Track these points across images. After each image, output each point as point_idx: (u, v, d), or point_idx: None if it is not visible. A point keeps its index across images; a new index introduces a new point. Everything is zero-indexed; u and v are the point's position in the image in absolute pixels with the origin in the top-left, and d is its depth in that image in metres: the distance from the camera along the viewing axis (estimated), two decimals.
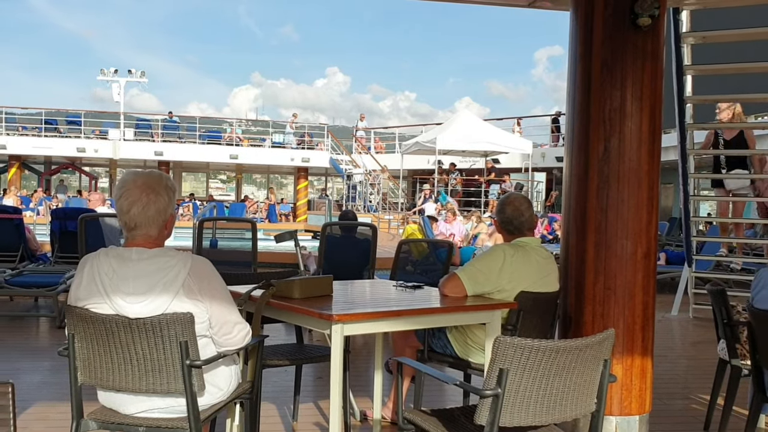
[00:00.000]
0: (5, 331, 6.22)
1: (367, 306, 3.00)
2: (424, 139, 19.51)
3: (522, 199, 3.50)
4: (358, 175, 24.42)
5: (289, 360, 3.45)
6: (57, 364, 4.91)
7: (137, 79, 29.01)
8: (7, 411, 1.08)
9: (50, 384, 4.54)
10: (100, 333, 2.27)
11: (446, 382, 2.37)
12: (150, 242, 2.35)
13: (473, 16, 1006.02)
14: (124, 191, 2.33)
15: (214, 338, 2.40)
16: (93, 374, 2.33)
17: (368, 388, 4.22)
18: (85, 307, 2.29)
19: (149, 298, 2.25)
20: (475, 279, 3.18)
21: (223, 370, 2.49)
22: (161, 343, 2.25)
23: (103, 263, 2.30)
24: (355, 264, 5.91)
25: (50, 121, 26.62)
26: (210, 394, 2.41)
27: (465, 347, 3.37)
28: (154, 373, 2.27)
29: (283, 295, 2.86)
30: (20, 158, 26.91)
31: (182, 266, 2.30)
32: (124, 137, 26.01)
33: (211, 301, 2.34)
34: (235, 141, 27.06)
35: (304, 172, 28.07)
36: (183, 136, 26.68)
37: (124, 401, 2.34)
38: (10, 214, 8.41)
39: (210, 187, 36.27)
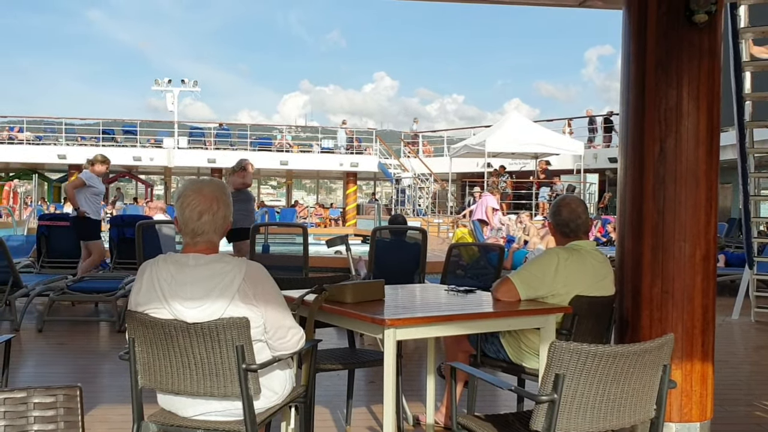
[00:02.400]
0: (68, 336, 6.42)
1: (419, 310, 3.00)
2: (473, 141, 19.39)
3: (578, 201, 3.44)
4: (407, 179, 24.42)
5: (342, 364, 3.47)
6: (117, 367, 5.04)
7: (190, 89, 29.67)
8: (76, 414, 1.12)
9: (111, 386, 4.66)
10: (160, 337, 2.33)
11: (501, 387, 2.35)
12: (210, 248, 2.40)
13: (520, 16, 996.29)
14: (191, 200, 2.37)
15: (269, 342, 2.43)
16: (153, 378, 2.38)
17: (421, 393, 4.22)
18: (145, 312, 2.35)
19: (206, 303, 2.30)
20: (529, 283, 3.15)
21: (278, 374, 2.52)
22: (218, 348, 2.29)
23: (162, 269, 2.35)
24: (405, 268, 5.91)
25: (108, 131, 27.43)
26: (266, 398, 2.44)
27: (519, 352, 3.34)
28: (212, 376, 2.32)
29: (335, 299, 2.88)
30: (80, 167, 27.76)
31: (237, 272, 2.34)
32: (178, 145, 26.62)
33: (265, 306, 2.38)
34: (285, 147, 27.40)
35: (352, 176, 28.23)
36: (235, 143, 27.15)
37: (182, 404, 2.40)
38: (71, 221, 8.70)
39: (261, 193, 36.83)
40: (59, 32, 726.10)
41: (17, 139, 26.78)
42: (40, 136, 27.43)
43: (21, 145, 26.53)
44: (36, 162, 27.32)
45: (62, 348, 5.96)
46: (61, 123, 27.41)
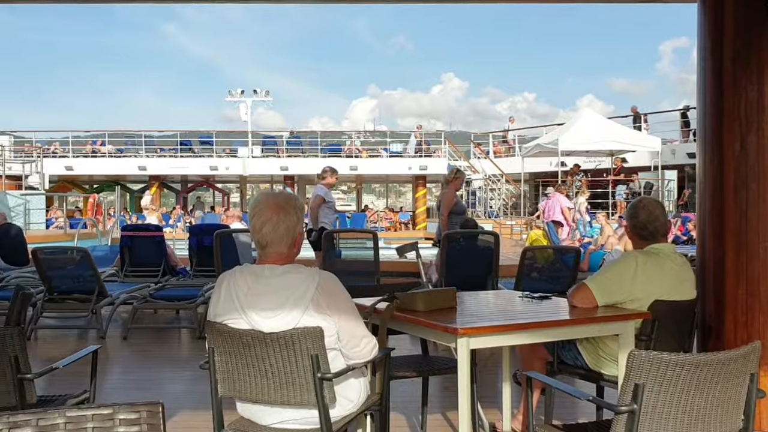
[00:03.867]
0: (150, 343, 6.67)
1: (492, 318, 2.97)
2: (545, 140, 19.06)
3: (655, 203, 3.34)
4: (478, 180, 24.23)
5: (416, 372, 3.47)
6: (198, 374, 5.19)
7: (262, 99, 30.34)
8: (159, 429, 1.17)
9: (192, 393, 4.81)
10: (238, 347, 2.39)
11: (578, 397, 2.30)
12: (281, 259, 2.44)
13: (591, 11, 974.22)
14: (256, 211, 2.44)
15: (342, 351, 2.46)
16: (232, 386, 2.45)
17: (496, 400, 4.17)
18: (224, 322, 2.41)
19: (281, 313, 2.35)
20: (606, 289, 3.07)
21: (353, 382, 2.55)
22: (294, 357, 2.33)
23: (239, 280, 2.42)
24: (477, 273, 5.87)
25: (185, 142, 28.36)
26: (341, 406, 2.47)
27: (597, 359, 3.26)
28: (288, 385, 2.36)
29: (407, 307, 2.88)
30: (159, 178, 28.85)
31: (311, 282, 2.38)
32: (252, 154, 27.28)
33: (338, 316, 2.41)
34: (354, 153, 27.66)
35: (422, 179, 28.21)
36: (306, 150, 27.60)
37: (261, 412, 2.45)
38: (152, 231, 9.04)
39: None
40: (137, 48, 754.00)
41: (100, 153, 28.03)
42: (121, 148, 28.63)
43: (104, 158, 27.77)
44: (118, 174, 28.51)
45: (146, 355, 6.19)
46: (141, 136, 28.52)
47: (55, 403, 2.78)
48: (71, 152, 27.82)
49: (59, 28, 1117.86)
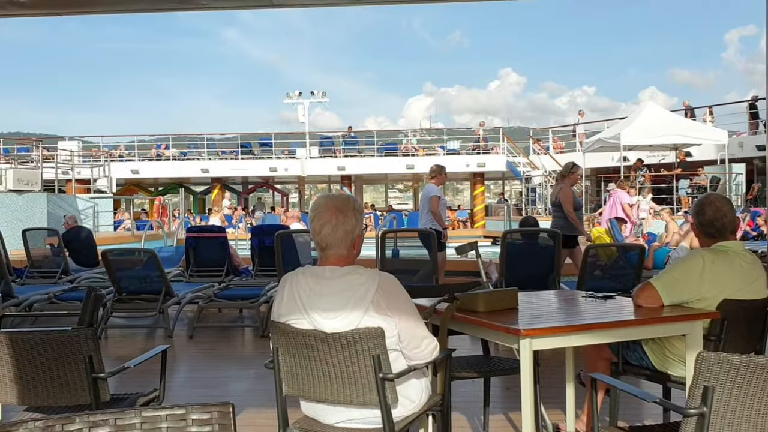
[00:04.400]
0: (215, 341, 6.83)
1: (555, 319, 2.93)
2: (607, 135, 18.65)
3: (723, 200, 3.23)
4: (537, 177, 23.89)
5: (477, 372, 3.45)
6: (262, 372, 5.28)
7: (319, 100, 30.68)
8: (230, 429, 1.20)
9: (256, 391, 4.90)
10: (301, 347, 2.43)
11: (644, 399, 2.26)
12: (341, 261, 2.47)
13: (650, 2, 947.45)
14: (316, 214, 2.49)
15: (403, 352, 2.48)
16: (296, 386, 2.49)
17: (560, 400, 4.11)
18: (287, 322, 2.46)
19: (342, 314, 2.38)
20: (672, 287, 2.99)
21: (414, 382, 2.56)
22: (355, 357, 2.36)
23: (301, 281, 2.46)
24: (538, 271, 5.80)
25: (245, 145, 28.92)
26: (403, 406, 2.49)
27: (663, 359, 3.18)
28: (351, 385, 2.39)
29: (467, 308, 2.87)
30: (221, 180, 29.51)
31: (371, 283, 2.40)
32: (310, 155, 27.60)
33: (399, 317, 2.42)
34: (411, 151, 27.66)
35: (479, 177, 28.01)
36: (362, 150, 27.76)
37: (324, 411, 2.49)
38: (216, 233, 9.25)
39: (388, 197, 37.38)
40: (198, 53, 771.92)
41: (164, 156, 28.84)
42: (184, 152, 29.38)
43: (168, 161, 28.55)
44: (182, 176, 29.28)
45: (211, 353, 6.34)
46: (203, 139, 29.24)
47: (126, 401, 2.89)
48: (137, 156, 28.73)
49: (125, 36, 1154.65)
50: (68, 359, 2.54)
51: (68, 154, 21.04)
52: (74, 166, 18.82)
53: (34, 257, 9.21)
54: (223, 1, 5.01)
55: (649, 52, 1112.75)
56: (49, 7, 5.37)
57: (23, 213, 13.04)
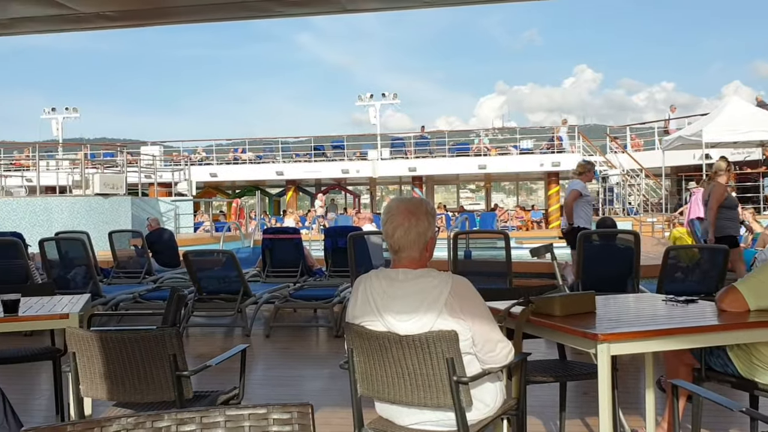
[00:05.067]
0: (291, 341, 6.97)
1: (634, 323, 2.86)
2: (687, 132, 17.97)
3: None
4: (615, 176, 23.25)
5: (553, 377, 3.40)
6: (336, 372, 5.37)
7: (390, 101, 30.79)
8: (309, 430, 1.24)
9: (331, 390, 4.97)
10: (375, 349, 2.45)
11: (730, 408, 2.17)
12: (414, 263, 2.49)
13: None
14: (389, 217, 2.51)
15: (477, 356, 2.47)
16: (371, 387, 2.52)
17: (638, 406, 4.01)
18: (361, 324, 2.49)
19: (416, 317, 2.39)
20: (758, 292, 2.87)
21: (489, 386, 2.54)
22: (429, 360, 2.37)
23: (375, 284, 2.49)
24: (616, 274, 5.65)
25: (318, 147, 29.35)
26: (477, 410, 2.48)
27: (750, 366, 3.04)
28: (425, 387, 2.40)
29: (543, 312, 2.84)
30: (295, 182, 30.06)
31: (444, 286, 2.40)
32: (381, 156, 27.76)
33: (472, 320, 2.42)
34: (483, 151, 27.43)
35: (554, 176, 27.49)
36: (433, 150, 27.72)
37: (399, 413, 2.51)
38: (291, 234, 9.44)
39: (460, 198, 37.18)
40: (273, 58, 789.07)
41: (241, 160, 29.61)
42: (260, 155, 30.07)
43: (244, 164, 29.30)
44: (257, 179, 29.99)
45: (287, 353, 6.48)
46: (278, 142, 29.85)
47: (208, 399, 2.99)
48: (215, 160, 29.60)
49: (202, 43, 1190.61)
50: (154, 357, 2.66)
51: (151, 159, 21.89)
52: (156, 170, 19.58)
53: (120, 258, 9.62)
54: (298, 8, 5.12)
55: (733, 45, 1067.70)
56: (134, 19, 5.61)
57: (109, 215, 13.65)
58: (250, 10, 5.40)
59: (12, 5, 5.10)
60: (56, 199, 14.01)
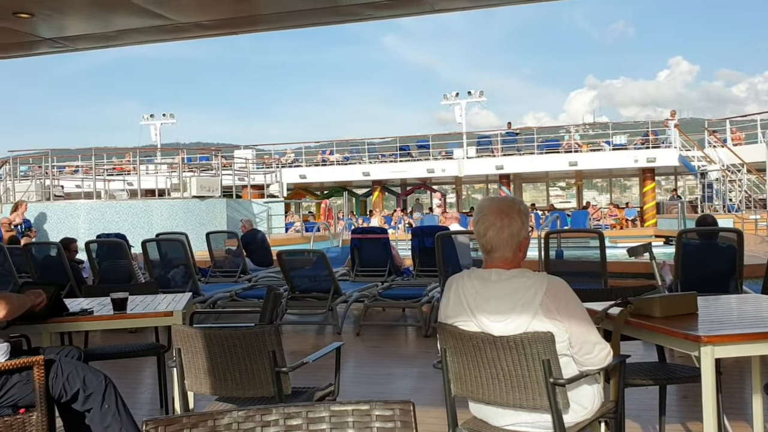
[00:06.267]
0: (380, 339, 7.04)
1: (740, 325, 2.74)
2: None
3: None
4: (714, 171, 22.20)
5: (653, 380, 3.30)
6: (426, 371, 5.39)
7: (476, 99, 30.56)
8: (411, 427, 1.26)
9: (422, 390, 4.99)
10: (468, 349, 2.45)
11: None
12: (507, 263, 2.47)
13: None
14: (480, 216, 2.50)
15: (574, 357, 2.43)
16: (464, 387, 2.52)
17: (745, 411, 3.84)
18: (454, 324, 2.50)
19: (510, 318, 2.37)
20: None
21: (586, 388, 2.50)
22: (524, 361, 2.34)
23: (467, 284, 2.49)
24: (718, 274, 5.40)
25: (404, 147, 29.48)
26: (574, 412, 2.44)
27: None
28: (520, 388, 2.38)
29: (642, 313, 2.76)
30: (381, 182, 30.33)
31: (539, 287, 2.37)
32: (467, 155, 27.58)
33: (569, 321, 2.38)
34: (573, 147, 26.78)
35: (649, 172, 26.52)
36: (521, 148, 27.29)
37: (493, 413, 2.50)
38: (378, 234, 9.53)
39: (549, 196, 36.44)
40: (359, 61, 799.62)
41: (329, 161, 30.14)
42: (347, 156, 30.52)
43: (332, 166, 29.81)
44: (345, 180, 30.44)
45: (377, 351, 6.55)
46: (364, 143, 30.20)
47: (305, 395, 3.07)
48: (304, 162, 30.24)
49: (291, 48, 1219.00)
50: (253, 353, 2.76)
51: (243, 162, 22.61)
52: (249, 173, 20.19)
53: (217, 258, 10.00)
54: (386, 10, 5.17)
55: None
56: (229, 27, 5.83)
57: (205, 217, 14.20)
58: (339, 14, 5.51)
59: (118, 18, 5.40)
60: (156, 202, 14.70)
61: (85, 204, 14.20)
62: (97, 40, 6.05)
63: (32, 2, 4.95)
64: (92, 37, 5.91)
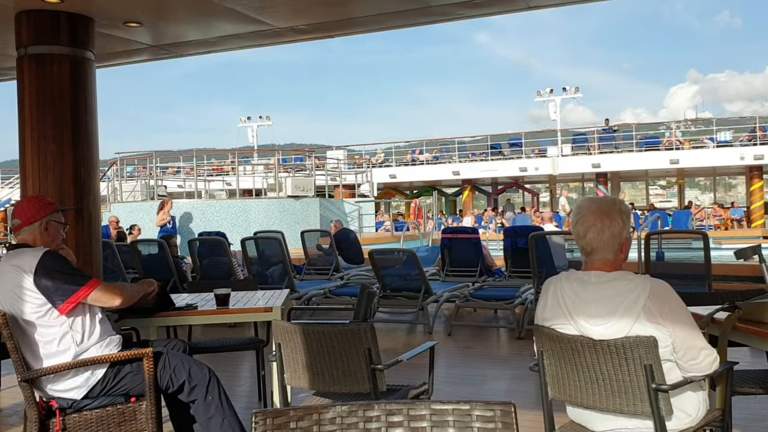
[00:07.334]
0: (472, 340, 6.99)
1: None
2: None
3: None
4: None
5: (762, 388, 3.13)
6: (519, 374, 5.33)
7: (571, 95, 29.85)
8: (512, 429, 1.25)
9: (515, 392, 4.93)
10: (566, 352, 2.41)
11: None
12: (607, 266, 2.41)
13: None
14: (579, 217, 2.44)
15: (678, 363, 2.34)
16: (562, 390, 2.48)
17: None
18: (552, 327, 2.45)
19: (611, 321, 2.31)
20: None
21: (691, 395, 2.40)
22: (625, 366, 2.28)
23: (565, 286, 2.44)
24: None
25: (495, 146, 29.18)
26: (678, 419, 2.35)
27: None
28: (620, 394, 2.31)
29: (751, 318, 2.63)
30: (471, 182, 30.11)
31: (641, 290, 2.30)
32: (562, 153, 26.98)
33: (673, 326, 2.29)
34: (674, 144, 25.72)
35: (757, 170, 25.13)
36: (619, 145, 26.45)
37: (592, 418, 2.44)
38: (469, 234, 9.48)
39: (649, 195, 35.13)
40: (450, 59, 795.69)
41: (419, 161, 30.20)
42: (437, 156, 30.50)
43: (422, 165, 29.86)
44: (434, 179, 30.43)
45: (468, 351, 6.51)
46: (454, 142, 30.09)
47: (399, 392, 3.10)
48: (394, 161, 30.45)
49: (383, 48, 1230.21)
50: (350, 350, 2.81)
51: (335, 162, 23.01)
52: (341, 173, 20.53)
53: (311, 256, 10.24)
54: (479, 9, 5.15)
55: None
56: (323, 31, 5.96)
57: (299, 216, 14.55)
58: (431, 15, 5.53)
59: (219, 24, 5.63)
60: (253, 201, 15.19)
61: (186, 203, 14.84)
62: (199, 46, 6.34)
63: (140, 12, 5.24)
64: (195, 44, 6.20)
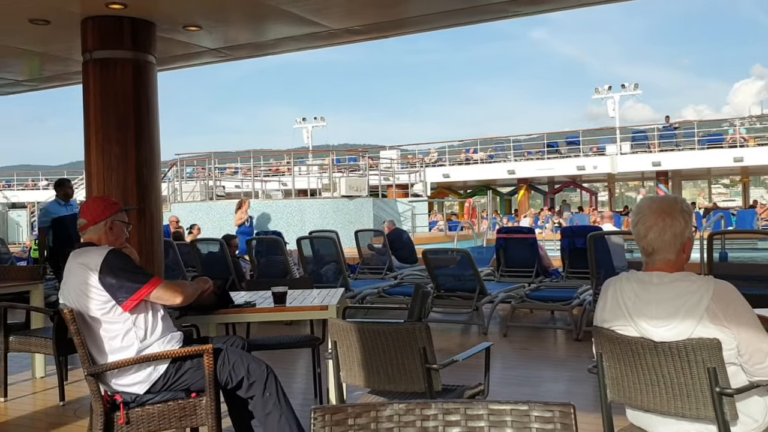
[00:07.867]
0: (528, 341, 6.92)
1: None
2: None
3: None
4: None
5: None
6: (577, 375, 5.25)
7: (630, 92, 29.24)
8: (571, 430, 1.24)
9: (573, 394, 4.84)
10: (626, 354, 2.36)
11: None
12: (669, 266, 2.35)
13: None
14: (640, 217, 2.39)
15: (744, 367, 2.27)
16: (621, 393, 2.43)
17: None
18: (611, 328, 2.41)
19: (673, 323, 2.26)
20: None
21: (757, 400, 2.32)
22: (688, 368, 2.22)
23: (626, 287, 2.39)
24: None
25: (551, 144, 28.78)
26: (743, 425, 2.28)
27: None
28: (683, 397, 2.26)
29: None
30: (527, 181, 29.78)
31: (704, 291, 2.24)
32: (621, 151, 26.43)
33: (738, 328, 2.23)
34: (738, 142, 24.89)
35: None
36: (680, 143, 25.76)
37: (653, 421, 2.39)
38: (525, 234, 9.38)
39: (712, 194, 34.10)
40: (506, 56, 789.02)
41: (473, 160, 30.03)
42: (491, 155, 30.27)
43: (476, 164, 29.67)
44: (489, 179, 30.20)
45: (524, 353, 6.45)
46: (509, 141, 29.82)
47: (455, 392, 3.09)
48: (447, 161, 30.34)
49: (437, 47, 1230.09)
50: (405, 349, 2.81)
51: (389, 162, 23.07)
52: (394, 173, 20.58)
53: (365, 255, 10.30)
54: (533, 6, 5.09)
55: None
56: (377, 31, 6.00)
57: (353, 216, 14.64)
58: (485, 13, 5.50)
59: (275, 27, 5.72)
60: (308, 201, 15.36)
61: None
62: (257, 49, 6.46)
63: (200, 16, 5.37)
64: (252, 46, 6.32)
